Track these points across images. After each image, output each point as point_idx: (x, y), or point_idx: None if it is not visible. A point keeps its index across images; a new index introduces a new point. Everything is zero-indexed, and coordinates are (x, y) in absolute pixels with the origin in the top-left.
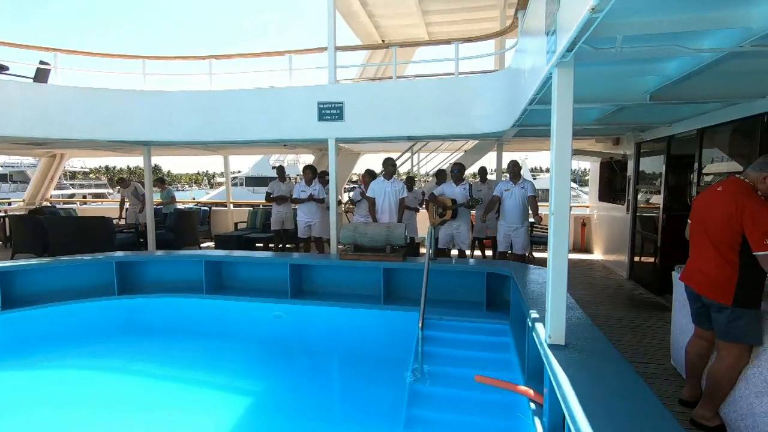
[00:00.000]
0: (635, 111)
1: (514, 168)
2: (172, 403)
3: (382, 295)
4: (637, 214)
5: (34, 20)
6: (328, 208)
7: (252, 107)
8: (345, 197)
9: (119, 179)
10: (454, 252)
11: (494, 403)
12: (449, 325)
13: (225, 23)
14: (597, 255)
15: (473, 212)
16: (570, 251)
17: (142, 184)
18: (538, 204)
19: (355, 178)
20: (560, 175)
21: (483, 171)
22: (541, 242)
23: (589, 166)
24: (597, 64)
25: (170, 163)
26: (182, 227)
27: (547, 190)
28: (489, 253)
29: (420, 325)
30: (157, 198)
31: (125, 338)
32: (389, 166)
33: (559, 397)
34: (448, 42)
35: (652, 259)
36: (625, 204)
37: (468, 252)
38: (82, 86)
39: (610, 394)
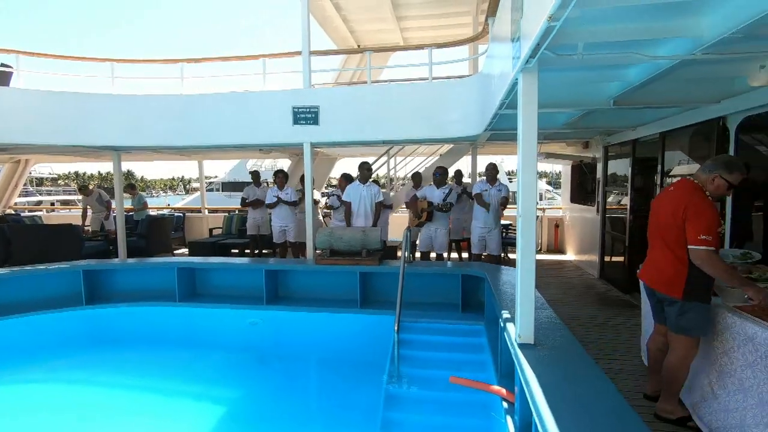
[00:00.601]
0: (601, 115)
1: (492, 170)
2: (144, 415)
3: (359, 299)
4: (607, 215)
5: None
6: (303, 212)
7: (225, 112)
8: (322, 201)
9: (80, 187)
10: (433, 255)
11: (469, 403)
12: (425, 327)
13: (200, 27)
14: (570, 255)
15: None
16: (544, 252)
17: (108, 190)
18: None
19: (333, 182)
20: (527, 178)
21: (459, 174)
22: (514, 243)
23: (562, 169)
24: (562, 69)
25: (144, 169)
26: (154, 234)
27: None
28: (465, 255)
29: (396, 328)
30: (128, 204)
31: (93, 350)
32: (365, 170)
33: (527, 394)
34: (421, 47)
35: (620, 259)
36: (595, 205)
37: (445, 254)
38: (46, 89)
39: (575, 391)
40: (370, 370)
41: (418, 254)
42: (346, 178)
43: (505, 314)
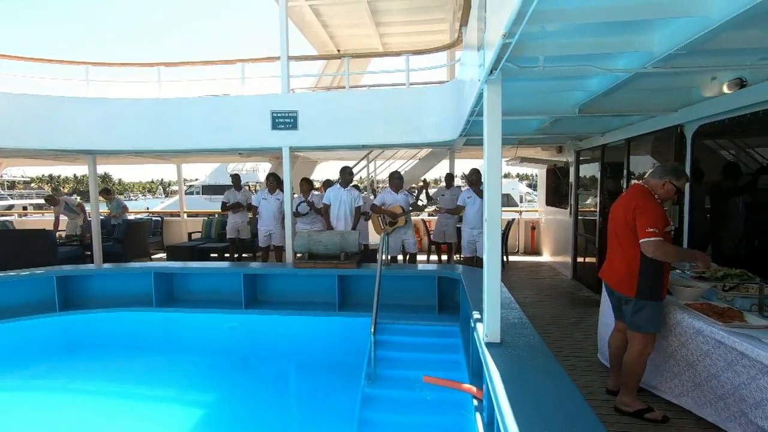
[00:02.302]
0: (569, 122)
1: (476, 176)
2: (122, 421)
3: (338, 302)
4: (579, 217)
5: None
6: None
7: (203, 115)
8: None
9: (47, 197)
10: (400, 257)
11: (442, 402)
12: (402, 329)
13: (178, 31)
14: (546, 257)
15: (422, 217)
16: (521, 254)
17: (83, 194)
18: (506, 210)
19: (317, 185)
20: (492, 183)
21: (450, 177)
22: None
23: (538, 173)
24: (529, 79)
25: (122, 172)
26: (131, 239)
27: (507, 195)
28: (445, 257)
29: (372, 330)
30: (104, 209)
31: (68, 357)
32: (346, 174)
33: (491, 391)
34: (399, 54)
35: (592, 260)
36: (569, 208)
37: (423, 257)
38: (19, 92)
39: (535, 387)
40: (348, 372)
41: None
42: (308, 182)
43: (476, 315)
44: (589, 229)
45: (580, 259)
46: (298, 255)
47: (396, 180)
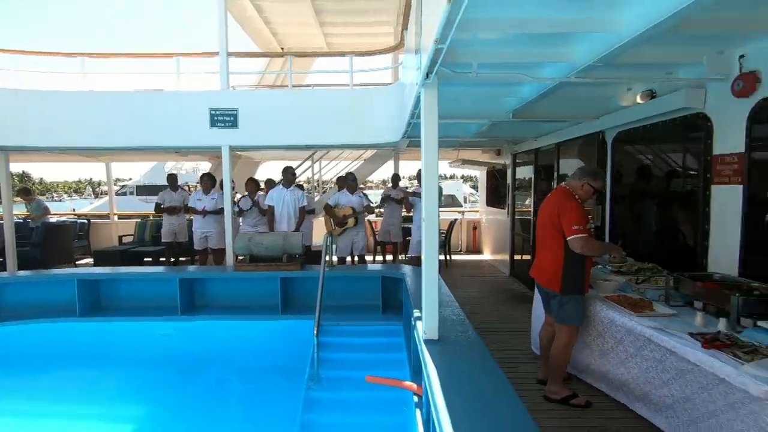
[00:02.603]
0: (506, 126)
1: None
2: None
3: (280, 304)
4: (516, 217)
5: None
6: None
7: (135, 111)
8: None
9: None
10: (349, 259)
11: (385, 401)
12: (346, 330)
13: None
14: (486, 255)
15: (369, 218)
16: (464, 252)
17: None
18: (440, 210)
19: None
20: (428, 185)
21: (396, 177)
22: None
23: (479, 175)
24: (466, 84)
25: (43, 170)
26: (51, 243)
27: (452, 196)
28: (390, 257)
29: (315, 332)
30: (22, 210)
31: None
32: (289, 174)
33: (427, 387)
34: (342, 54)
35: (527, 257)
36: (507, 208)
37: (369, 257)
38: None
39: (470, 381)
40: (291, 376)
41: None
42: (254, 182)
43: (416, 313)
44: (524, 229)
45: (517, 257)
46: (239, 257)
47: (350, 182)
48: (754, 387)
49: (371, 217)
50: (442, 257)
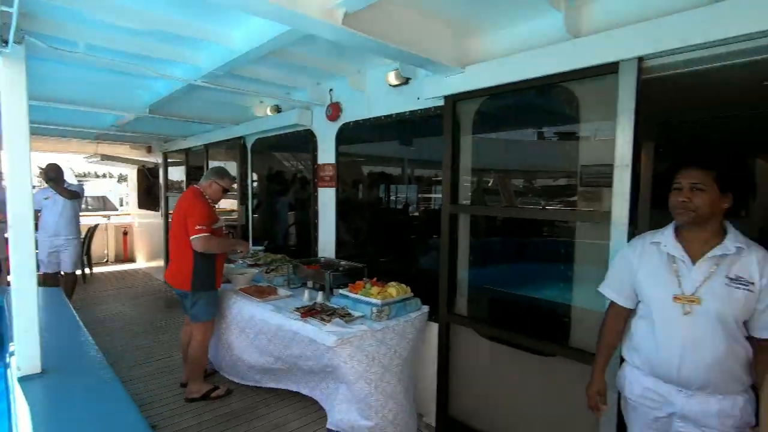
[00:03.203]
0: (148, 122)
1: (55, 172)
2: None
3: None
4: (170, 220)
5: None
6: None
7: None
8: None
9: None
10: None
11: None
12: None
13: None
14: (141, 263)
15: None
16: (112, 263)
17: None
18: (82, 214)
19: None
20: (17, 180)
21: None
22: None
23: (129, 173)
24: (81, 66)
25: None
26: None
27: (103, 197)
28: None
29: None
30: None
31: None
32: None
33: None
34: None
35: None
36: (160, 210)
37: None
38: None
39: (76, 414)
40: None
41: None
42: None
43: (11, 346)
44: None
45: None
46: None
47: None
48: (328, 340)
49: None
50: (78, 271)
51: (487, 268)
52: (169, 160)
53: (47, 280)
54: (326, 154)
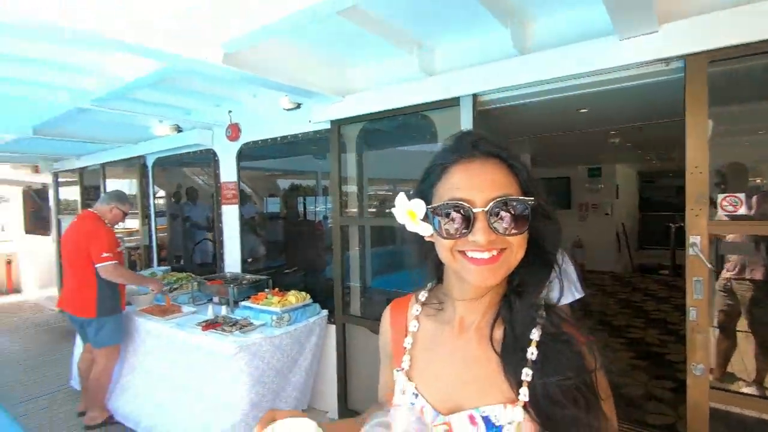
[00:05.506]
0: (36, 141)
1: None
2: None
3: None
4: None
5: None
6: None
7: None
8: None
9: None
10: None
11: None
12: None
13: None
14: (29, 294)
15: None
16: None
17: None
18: None
19: None
20: None
21: None
22: None
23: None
24: None
25: None
26: None
27: None
28: None
29: None
30: None
31: None
32: None
33: None
34: None
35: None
36: (52, 234)
37: None
38: None
39: None
40: None
41: None
42: None
43: None
44: None
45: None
46: None
47: None
48: (227, 348)
49: None
50: None
51: (390, 272)
52: (60, 180)
53: None
54: (228, 172)
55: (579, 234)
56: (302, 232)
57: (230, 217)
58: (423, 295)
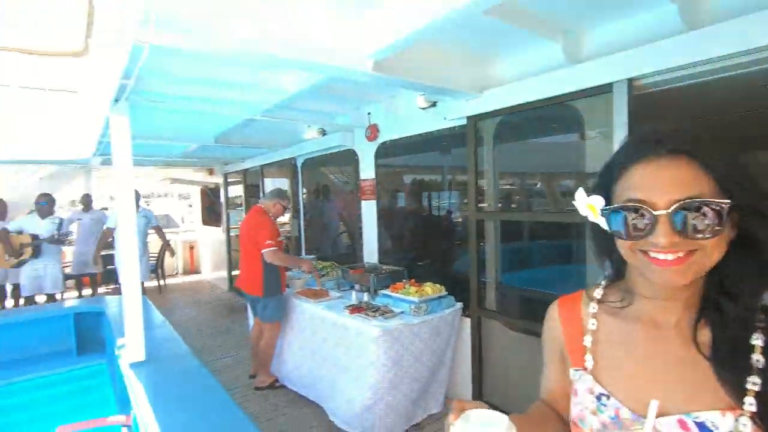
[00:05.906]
0: (212, 148)
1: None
2: None
3: None
4: (231, 234)
5: None
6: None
7: None
8: None
9: None
10: (41, 298)
11: None
12: (28, 385)
13: None
14: (205, 275)
15: (65, 248)
16: (181, 275)
17: None
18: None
19: None
20: (125, 207)
21: (87, 198)
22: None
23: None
24: (164, 110)
25: None
26: None
27: (167, 215)
28: (89, 291)
29: None
30: None
31: None
32: None
33: (135, 408)
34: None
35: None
36: (222, 226)
37: (58, 295)
38: None
39: (178, 392)
40: None
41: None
42: None
43: (120, 341)
44: (238, 244)
45: (235, 272)
46: None
47: (41, 204)
48: (372, 330)
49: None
50: (155, 283)
51: (518, 268)
52: (228, 180)
53: None
54: (366, 170)
55: None
56: (433, 225)
57: (369, 210)
58: (598, 293)
